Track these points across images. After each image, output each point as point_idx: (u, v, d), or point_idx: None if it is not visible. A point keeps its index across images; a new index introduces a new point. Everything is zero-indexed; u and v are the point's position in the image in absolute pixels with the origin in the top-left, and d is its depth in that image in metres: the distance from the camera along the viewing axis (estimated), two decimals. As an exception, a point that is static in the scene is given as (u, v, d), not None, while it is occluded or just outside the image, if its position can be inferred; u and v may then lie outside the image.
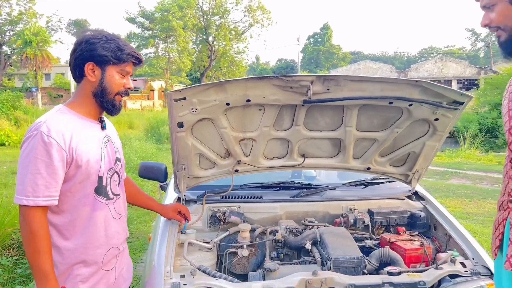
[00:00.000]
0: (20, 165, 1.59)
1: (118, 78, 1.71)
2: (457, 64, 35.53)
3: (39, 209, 1.57)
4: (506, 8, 1.37)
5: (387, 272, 2.00)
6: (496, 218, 1.59)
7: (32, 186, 1.55)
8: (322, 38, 62.60)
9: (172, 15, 39.12)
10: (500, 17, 1.40)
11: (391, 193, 2.71)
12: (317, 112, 2.26)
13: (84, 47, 1.67)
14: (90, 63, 1.66)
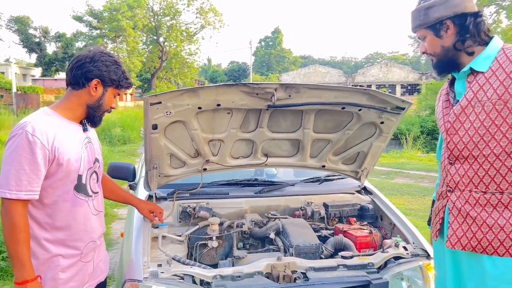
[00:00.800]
0: (5, 161, 1.71)
1: (112, 99, 1.96)
2: (400, 70, 37.42)
3: (20, 202, 1.69)
4: (432, 40, 1.80)
5: (341, 256, 2.28)
6: (436, 206, 1.93)
7: (15, 181, 1.67)
8: (273, 41, 63.63)
9: (122, 14, 38.27)
10: (429, 46, 1.83)
11: (343, 188, 3.02)
12: (279, 116, 2.51)
13: (98, 65, 1.86)
14: (97, 79, 1.86)
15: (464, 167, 1.77)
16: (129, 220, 2.64)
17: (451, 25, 1.74)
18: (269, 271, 2.13)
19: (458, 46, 1.76)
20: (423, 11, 1.79)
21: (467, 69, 1.75)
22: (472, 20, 1.73)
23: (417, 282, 2.28)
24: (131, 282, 2.03)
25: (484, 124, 1.69)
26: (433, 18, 1.76)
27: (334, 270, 2.14)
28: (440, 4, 1.74)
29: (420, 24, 1.82)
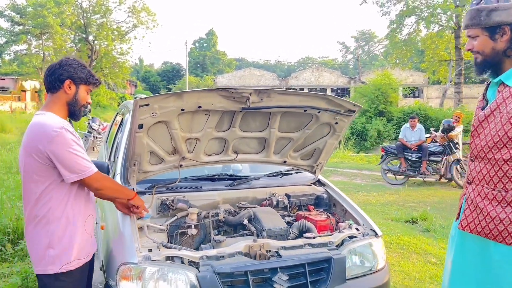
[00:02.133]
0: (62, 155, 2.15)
1: (85, 95, 2.35)
2: (331, 74, 39.24)
3: (96, 172, 2.27)
4: (485, 40, 1.93)
5: (305, 237, 2.67)
6: (462, 193, 2.17)
7: (84, 162, 2.21)
8: (208, 43, 63.69)
9: (48, 10, 36.37)
10: (480, 46, 1.96)
11: (301, 181, 3.43)
12: (250, 117, 2.85)
13: (67, 68, 2.27)
14: (69, 80, 2.26)
15: (480, 166, 2.01)
16: (111, 213, 2.83)
17: (508, 31, 1.86)
18: (247, 251, 2.46)
19: (509, 52, 1.89)
20: (486, 12, 1.88)
21: (497, 80, 1.94)
22: None
23: (367, 256, 2.73)
24: (127, 265, 2.27)
25: (499, 133, 1.89)
26: (494, 21, 1.86)
27: (301, 248, 2.52)
28: (504, 10, 1.85)
29: (478, 23, 1.91)
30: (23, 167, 2.21)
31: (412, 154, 9.84)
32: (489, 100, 2.01)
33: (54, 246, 2.19)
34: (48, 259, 2.18)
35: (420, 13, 27.44)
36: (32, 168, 2.16)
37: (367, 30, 67.59)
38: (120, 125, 4.03)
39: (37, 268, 2.23)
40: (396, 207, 7.46)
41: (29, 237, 2.23)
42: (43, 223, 2.18)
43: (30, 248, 2.25)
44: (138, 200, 2.56)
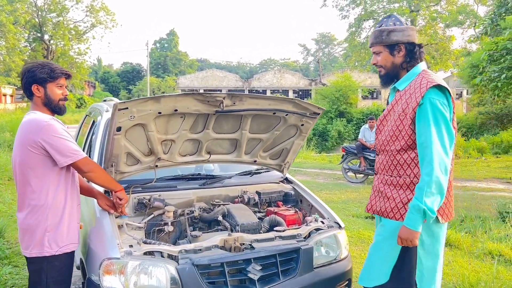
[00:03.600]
0: (52, 142, 2.35)
1: (57, 90, 2.48)
2: (292, 76, 39.82)
3: (85, 156, 2.47)
4: (387, 56, 2.39)
5: (276, 230, 2.88)
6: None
7: (73, 147, 2.41)
8: (169, 44, 62.97)
9: (0, 8, 34.88)
10: (383, 61, 2.41)
11: (270, 179, 3.64)
12: (223, 119, 3.03)
13: (28, 75, 2.44)
14: (35, 85, 2.44)
15: (382, 157, 2.44)
16: (89, 212, 2.93)
17: (403, 49, 2.34)
18: (222, 245, 2.64)
19: (404, 65, 2.37)
20: (386, 32, 2.34)
21: (393, 87, 2.44)
22: (418, 49, 2.36)
23: (332, 246, 2.97)
24: (110, 260, 2.39)
25: (392, 128, 2.35)
26: (392, 40, 2.33)
27: (272, 240, 2.74)
28: (399, 31, 2.32)
29: (381, 41, 2.36)
30: (18, 160, 2.41)
31: (371, 154, 10.28)
32: (389, 104, 2.46)
33: (51, 230, 2.41)
34: (45, 242, 2.39)
35: (377, 17, 28.48)
36: (27, 159, 2.38)
37: (327, 33, 69.15)
38: (92, 127, 4.10)
39: (31, 251, 2.41)
40: (357, 204, 7.82)
41: (24, 224, 2.42)
42: (40, 210, 2.40)
43: (24, 233, 2.43)
44: (124, 193, 2.73)
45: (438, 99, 2.20)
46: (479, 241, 5.44)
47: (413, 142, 2.27)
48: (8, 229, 5.36)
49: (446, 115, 2.20)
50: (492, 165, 12.45)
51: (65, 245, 2.45)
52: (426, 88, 2.20)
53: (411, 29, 2.36)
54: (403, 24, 2.37)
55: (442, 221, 2.30)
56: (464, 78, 19.97)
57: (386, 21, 2.40)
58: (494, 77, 11.62)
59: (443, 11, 28.02)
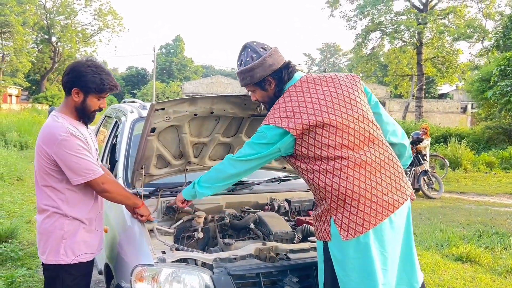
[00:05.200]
0: (69, 159, 2.22)
1: (96, 101, 2.32)
2: (298, 85, 39.76)
3: (102, 175, 2.32)
4: (260, 93, 2.29)
5: (310, 241, 2.77)
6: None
7: (90, 165, 2.27)
8: (175, 49, 63.21)
9: (10, 9, 35.04)
10: (259, 97, 2.33)
11: (298, 187, 3.53)
12: (256, 123, 2.92)
13: (75, 74, 2.24)
14: (76, 89, 2.24)
15: None
16: (117, 216, 2.83)
17: (272, 80, 2.21)
18: (257, 254, 2.53)
19: (277, 93, 2.22)
20: (247, 73, 2.20)
21: None
22: (285, 72, 2.20)
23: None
24: (142, 267, 2.28)
25: None
26: (257, 77, 2.19)
27: (308, 251, 2.62)
28: (259, 66, 2.17)
29: (248, 83, 2.25)
30: (36, 162, 2.31)
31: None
32: None
33: (68, 238, 2.30)
34: (62, 249, 2.29)
35: (384, 29, 28.53)
36: (40, 166, 2.28)
37: (332, 43, 69.39)
38: (114, 128, 4.01)
39: (48, 258, 2.31)
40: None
41: (42, 228, 2.32)
42: (56, 216, 2.29)
43: (41, 237, 2.34)
44: (145, 209, 2.59)
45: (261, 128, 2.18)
46: (499, 258, 5.32)
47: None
48: (20, 230, 5.25)
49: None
50: (503, 180, 12.29)
51: (82, 254, 2.35)
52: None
53: (269, 56, 2.19)
54: (260, 54, 2.19)
55: (348, 237, 2.05)
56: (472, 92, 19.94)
57: (244, 56, 2.25)
58: (506, 92, 11.57)
59: (451, 25, 28.04)
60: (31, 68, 40.27)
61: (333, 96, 2.17)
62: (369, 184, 2.08)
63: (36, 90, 44.37)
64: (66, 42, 42.64)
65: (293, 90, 2.18)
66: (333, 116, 2.11)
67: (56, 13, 42.11)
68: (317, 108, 2.10)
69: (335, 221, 2.09)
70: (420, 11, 26.81)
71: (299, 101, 2.13)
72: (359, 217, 2.05)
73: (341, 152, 2.09)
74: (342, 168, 2.08)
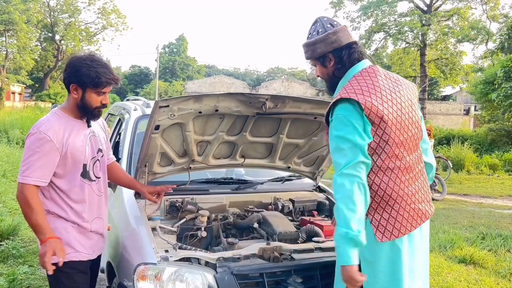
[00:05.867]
0: (24, 153, 2.16)
1: (96, 97, 2.22)
2: (300, 85, 39.77)
3: (31, 186, 2.11)
4: (320, 68, 2.22)
5: (314, 241, 2.74)
6: None
7: (28, 170, 2.11)
8: (178, 49, 63.22)
9: (14, 7, 35.07)
10: (319, 73, 2.26)
11: (302, 187, 3.51)
12: (261, 122, 2.90)
13: (70, 70, 2.18)
14: (74, 85, 2.19)
15: None
16: (120, 214, 2.81)
17: (332, 57, 2.14)
18: (261, 254, 2.50)
19: (336, 73, 2.18)
20: (310, 46, 2.18)
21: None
22: (346, 52, 2.12)
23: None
24: (145, 266, 2.26)
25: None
26: (317, 53, 2.15)
27: (312, 252, 2.59)
28: (321, 42, 2.12)
29: (310, 56, 2.21)
30: None
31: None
32: None
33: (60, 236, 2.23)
34: None
35: (388, 30, 28.44)
36: None
37: (335, 44, 68.86)
38: (117, 126, 3.99)
39: None
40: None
41: None
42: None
43: None
44: (52, 245, 2.11)
45: (341, 114, 2.00)
46: (503, 260, 5.28)
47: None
48: (22, 228, 5.24)
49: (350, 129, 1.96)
50: (506, 183, 12.23)
51: (71, 252, 2.26)
52: (332, 103, 2.07)
53: (333, 34, 2.12)
54: (326, 29, 2.14)
55: (383, 239, 2.02)
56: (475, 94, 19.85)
57: (312, 30, 2.22)
58: (511, 94, 11.51)
59: (455, 26, 27.93)
60: (35, 66, 40.33)
61: (398, 94, 2.12)
62: (411, 190, 2.08)
63: (39, 88, 44.45)
64: (70, 41, 42.67)
65: (366, 75, 2.11)
66: (400, 113, 2.07)
67: (60, 11, 42.16)
68: (385, 100, 2.05)
69: (371, 221, 2.06)
70: (424, 13, 26.70)
71: (368, 85, 2.06)
72: (398, 221, 2.04)
73: (399, 152, 2.05)
74: (394, 169, 2.05)
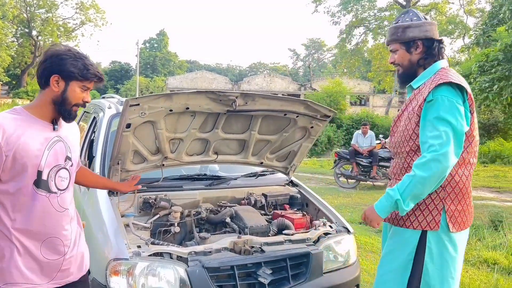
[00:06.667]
0: None
1: (79, 92, 1.94)
2: (282, 80, 39.91)
3: None
4: (403, 53, 2.26)
5: (285, 234, 2.83)
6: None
7: None
8: (159, 44, 62.56)
9: (-12, 2, 34.29)
10: (399, 59, 2.29)
11: (275, 181, 3.59)
12: (233, 119, 2.97)
13: (53, 60, 1.89)
14: (55, 76, 1.88)
15: (395, 161, 2.33)
16: (93, 211, 2.84)
17: (421, 45, 2.21)
18: (232, 247, 2.58)
19: (421, 62, 2.23)
20: (402, 29, 2.22)
21: (409, 85, 2.31)
22: (437, 45, 2.22)
23: (341, 251, 2.93)
24: (118, 261, 2.31)
25: (403, 129, 2.24)
26: (409, 36, 2.20)
27: (282, 244, 2.68)
28: (416, 27, 2.19)
29: (396, 39, 2.24)
30: None
31: (364, 159, 10.32)
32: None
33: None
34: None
35: (368, 25, 28.76)
36: None
37: (316, 39, 69.45)
38: (92, 124, 4.00)
39: None
40: (350, 209, 7.81)
41: None
42: None
43: None
44: None
45: (446, 96, 2.06)
46: (474, 249, 5.47)
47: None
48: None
49: (454, 114, 2.05)
50: (481, 174, 12.58)
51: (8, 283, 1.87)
52: (435, 84, 2.09)
53: (429, 24, 2.22)
54: (421, 19, 2.23)
55: (453, 229, 2.14)
56: (453, 88, 20.25)
57: (403, 17, 2.28)
58: (485, 88, 11.79)
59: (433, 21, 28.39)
60: (11, 63, 39.42)
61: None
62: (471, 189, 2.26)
63: (16, 85, 43.53)
64: (47, 36, 41.83)
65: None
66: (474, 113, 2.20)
67: (36, 6, 41.32)
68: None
69: (447, 211, 2.14)
70: (403, 7, 27.04)
71: (459, 78, 2.14)
72: (466, 214, 2.20)
73: (476, 150, 2.21)
74: (473, 165, 2.22)
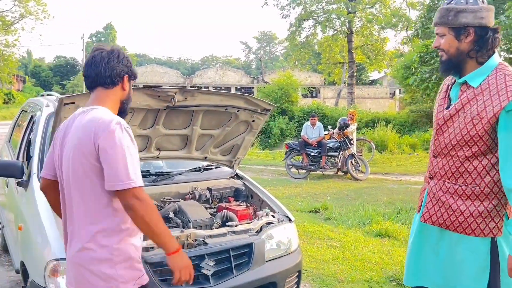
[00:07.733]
0: (115, 156, 1.74)
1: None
2: (235, 73, 39.88)
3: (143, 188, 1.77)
4: (451, 40, 2.01)
5: (228, 226, 2.89)
6: (422, 187, 2.27)
7: (134, 171, 1.75)
8: (106, 38, 60.60)
9: None
10: (446, 44, 2.03)
11: (220, 175, 3.65)
12: (174, 115, 2.99)
13: (125, 61, 1.95)
14: (126, 76, 1.96)
15: (442, 162, 2.10)
16: (30, 211, 2.77)
17: (473, 33, 1.95)
18: None
19: (472, 54, 1.98)
20: (454, 12, 1.95)
21: (462, 81, 2.04)
22: (491, 34, 1.96)
23: (283, 239, 3.03)
24: (57, 262, 2.29)
25: (462, 132, 2.00)
26: (460, 22, 1.94)
27: (225, 236, 2.75)
28: (470, 12, 1.92)
29: (446, 22, 1.98)
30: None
31: (313, 150, 10.58)
32: (452, 99, 2.12)
33: None
34: None
35: (317, 17, 29.25)
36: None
37: (268, 31, 69.92)
38: (30, 123, 3.88)
39: None
40: (300, 199, 8.02)
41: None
42: None
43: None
44: (181, 259, 1.86)
45: None
46: None
47: (488, 148, 1.98)
48: None
49: None
50: (424, 160, 13.23)
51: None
52: None
53: (486, 10, 1.96)
54: (478, 2, 1.96)
55: None
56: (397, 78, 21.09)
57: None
58: (425, 78, 12.39)
59: (378, 14, 29.33)
60: None
61: None
62: None
63: (-49, 83, 40.78)
64: (-17, 31, 39.44)
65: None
66: None
67: (-30, -1, 38.79)
68: None
69: (509, 215, 2.04)
70: (350, 0, 27.75)
71: None
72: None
73: None
74: None
